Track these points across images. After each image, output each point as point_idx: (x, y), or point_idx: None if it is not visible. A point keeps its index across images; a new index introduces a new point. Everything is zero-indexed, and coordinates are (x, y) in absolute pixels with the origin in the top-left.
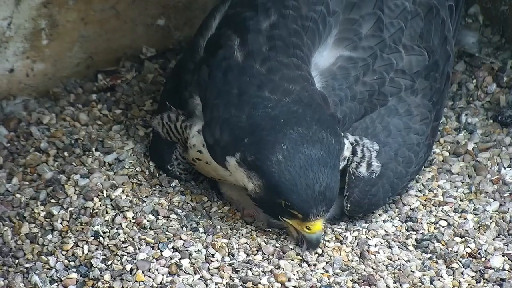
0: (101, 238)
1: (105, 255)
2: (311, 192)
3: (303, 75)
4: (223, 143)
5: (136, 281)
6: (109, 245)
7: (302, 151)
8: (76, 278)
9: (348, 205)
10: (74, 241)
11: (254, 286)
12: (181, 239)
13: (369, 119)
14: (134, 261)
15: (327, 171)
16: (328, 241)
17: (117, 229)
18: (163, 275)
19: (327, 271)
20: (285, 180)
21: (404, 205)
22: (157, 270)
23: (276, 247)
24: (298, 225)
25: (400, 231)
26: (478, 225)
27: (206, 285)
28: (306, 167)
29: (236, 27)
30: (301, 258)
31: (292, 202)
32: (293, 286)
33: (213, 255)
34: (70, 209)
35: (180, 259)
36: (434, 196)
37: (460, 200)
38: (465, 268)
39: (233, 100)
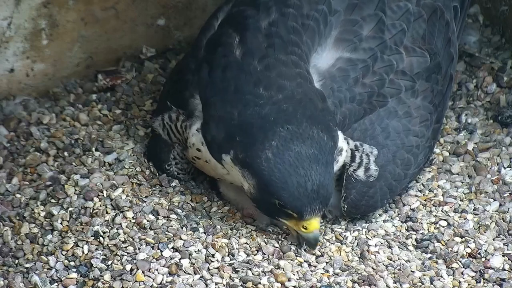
0: (101, 238)
1: (105, 255)
2: (303, 191)
3: (300, 72)
4: (219, 141)
5: (136, 281)
6: (109, 245)
7: (292, 148)
8: (76, 278)
9: (345, 206)
10: (74, 241)
11: (254, 286)
12: (181, 239)
13: (368, 121)
14: (134, 261)
15: (319, 168)
16: (328, 241)
17: (117, 229)
18: (163, 275)
19: (327, 271)
20: (275, 179)
21: (404, 205)
22: (157, 270)
23: (276, 247)
24: (294, 225)
25: (400, 231)
26: (478, 225)
27: (206, 285)
28: (296, 164)
29: (236, 25)
30: (302, 259)
31: (284, 201)
32: (293, 286)
33: (213, 255)
34: (70, 209)
35: (180, 259)
36: (434, 196)
37: (460, 200)
38: (465, 268)
39: (229, 97)
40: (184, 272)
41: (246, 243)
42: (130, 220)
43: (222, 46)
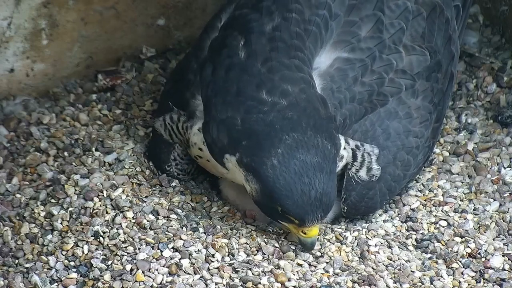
0: (101, 238)
1: (105, 255)
2: (307, 199)
3: (304, 77)
4: (221, 143)
5: (136, 281)
6: (109, 245)
7: (297, 157)
8: (76, 278)
9: (345, 208)
10: (74, 241)
11: (254, 286)
12: (181, 239)
13: (369, 122)
14: (134, 261)
15: (323, 177)
16: (328, 241)
17: (117, 229)
18: (163, 275)
19: (327, 271)
20: (280, 186)
21: (404, 205)
22: (157, 270)
23: (276, 247)
24: (294, 229)
25: (400, 231)
26: (478, 225)
27: (206, 285)
28: (301, 173)
29: (241, 28)
30: (302, 259)
31: (288, 209)
32: (293, 286)
33: (213, 255)
34: (70, 209)
35: (180, 259)
36: (434, 196)
37: (460, 200)
38: (465, 268)
39: (231, 99)
40: (184, 272)
41: (246, 243)
42: (130, 220)
43: (227, 47)
